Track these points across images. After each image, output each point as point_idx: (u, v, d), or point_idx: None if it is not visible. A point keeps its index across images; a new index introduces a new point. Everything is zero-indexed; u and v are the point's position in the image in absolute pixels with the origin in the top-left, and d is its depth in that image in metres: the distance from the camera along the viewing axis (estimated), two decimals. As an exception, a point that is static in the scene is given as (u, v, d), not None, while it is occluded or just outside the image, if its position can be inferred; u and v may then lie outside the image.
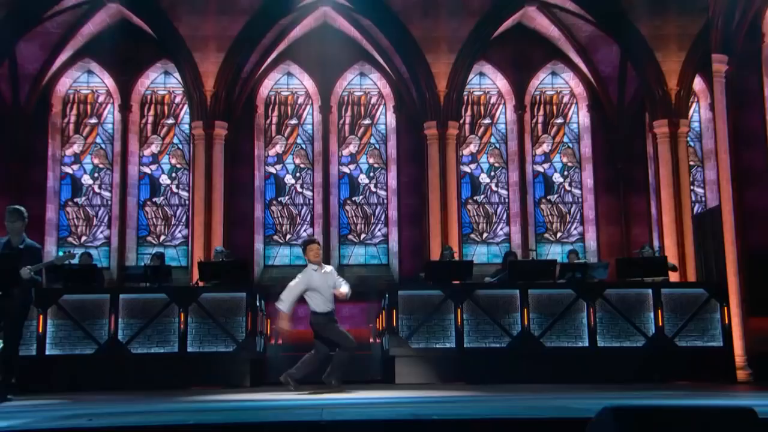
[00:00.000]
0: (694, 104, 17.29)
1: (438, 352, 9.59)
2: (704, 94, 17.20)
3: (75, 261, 11.09)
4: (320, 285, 7.79)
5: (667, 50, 15.79)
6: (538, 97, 17.64)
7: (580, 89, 17.41)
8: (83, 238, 16.57)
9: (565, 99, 17.67)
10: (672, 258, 13.92)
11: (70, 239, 16.52)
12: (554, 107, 17.65)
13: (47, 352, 9.29)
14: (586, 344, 9.61)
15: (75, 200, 16.74)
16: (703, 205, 16.98)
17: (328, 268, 8.05)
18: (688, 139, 16.49)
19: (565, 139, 17.58)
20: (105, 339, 9.38)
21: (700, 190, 17.21)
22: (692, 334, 9.73)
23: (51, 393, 8.06)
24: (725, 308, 9.84)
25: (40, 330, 9.28)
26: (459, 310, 9.62)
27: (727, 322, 9.79)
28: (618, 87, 16.82)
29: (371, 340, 13.30)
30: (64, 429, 3.39)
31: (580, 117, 17.52)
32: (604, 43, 16.59)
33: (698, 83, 16.82)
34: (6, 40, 15.10)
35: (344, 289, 7.90)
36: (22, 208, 7.20)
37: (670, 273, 11.39)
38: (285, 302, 7.75)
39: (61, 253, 7.28)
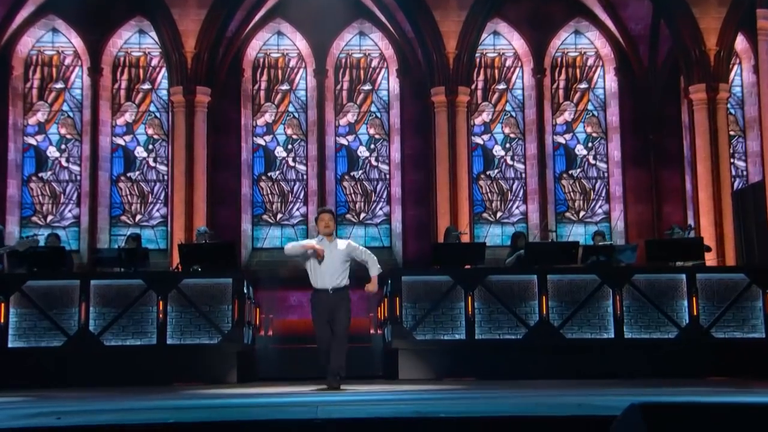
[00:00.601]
0: (736, 66, 17.22)
1: (446, 345, 9.62)
2: (747, 55, 17.11)
3: (41, 244, 11.13)
4: (324, 255, 7.59)
5: (705, 5, 15.70)
6: (559, 60, 17.56)
7: (607, 50, 17.32)
8: (49, 218, 16.60)
9: (590, 61, 17.58)
10: (709, 239, 13.93)
11: (34, 219, 16.55)
12: (577, 70, 17.57)
13: (10, 345, 9.33)
14: (612, 335, 9.63)
15: (40, 175, 16.74)
16: (744, 179, 16.96)
17: (342, 243, 7.81)
18: (729, 105, 16.46)
19: (590, 107, 17.53)
20: (75, 330, 9.41)
21: (741, 163, 17.18)
22: (731, 324, 9.74)
23: (15, 389, 8.11)
24: (768, 295, 9.84)
25: (2, 320, 9.32)
26: (470, 297, 9.63)
27: (769, 310, 9.80)
28: (649, 47, 16.74)
29: (372, 331, 13.36)
30: (30, 428, 3.41)
31: (607, 81, 17.45)
32: (634, -2, 16.49)
33: (740, 42, 16.74)
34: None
35: (373, 271, 7.66)
36: None
37: (706, 256, 11.39)
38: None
39: (24, 237, 7.23)
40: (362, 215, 17.11)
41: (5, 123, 16.44)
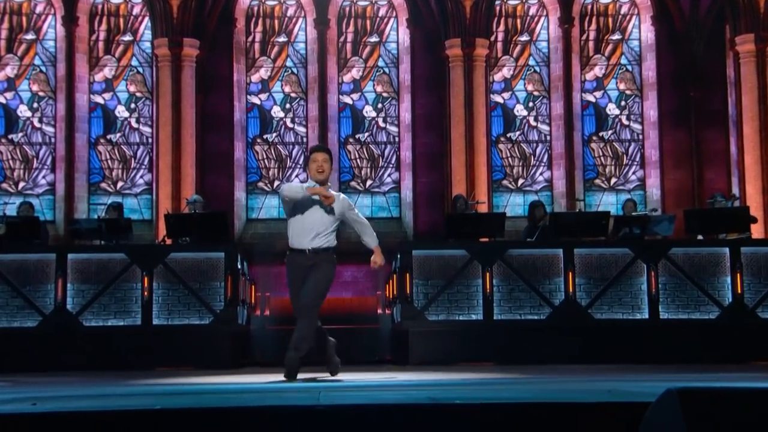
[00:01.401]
0: (788, 15, 17.06)
1: (461, 326, 9.67)
2: (801, 3, 16.95)
3: (11, 213, 11.18)
4: (308, 206, 6.91)
5: (754, -54, 15.53)
6: (589, 8, 17.44)
7: (643, -4, 17.20)
8: (21, 185, 16.66)
9: (624, 9, 17.46)
10: (755, 209, 13.90)
11: (4, 185, 16.61)
12: (609, 20, 17.45)
13: (-20, 325, 9.42)
14: (646, 316, 9.67)
15: (10, 137, 16.77)
16: (795, 143, 16.88)
17: (335, 194, 7.05)
18: (780, 58, 16.32)
19: (623, 61, 17.43)
20: (51, 309, 9.50)
21: (792, 125, 17.10)
22: (778, 303, 9.76)
23: (-14, 374, 8.19)
24: (821, 271, 9.83)
25: (-29, 297, 9.40)
26: (488, 273, 9.67)
27: (822, 288, 9.80)
28: (691, -7, 16.60)
29: (379, 311, 13.42)
30: (3, 414, 3.45)
31: (643, 32, 17.33)
32: (675, -63, 16.32)
33: (793, -12, 16.56)
34: None
35: (371, 241, 7.19)
36: None
37: (753, 228, 11.38)
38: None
39: None
40: (368, 183, 17.12)
41: (-29, 79, 16.45)
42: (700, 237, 10.52)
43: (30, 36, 16.99)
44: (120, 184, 16.84)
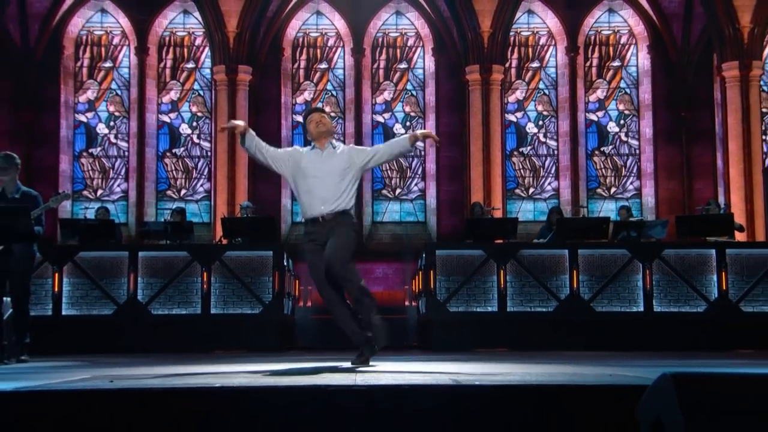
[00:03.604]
0: (769, 44, 16.84)
1: (479, 317, 9.63)
2: (780, 34, 16.71)
3: (90, 216, 11.30)
4: (311, 169, 5.47)
5: (739, -17, 15.35)
6: (592, 38, 17.32)
7: (640, 28, 17.04)
8: (99, 192, 16.84)
9: (623, 39, 17.32)
10: (739, 216, 13.73)
11: (85, 193, 16.81)
12: (610, 49, 17.33)
13: (63, 312, 9.51)
14: (641, 309, 9.57)
15: (90, 151, 16.98)
16: (775, 157, 16.65)
17: (342, 147, 5.66)
18: (762, 83, 16.12)
19: (622, 84, 17.29)
20: (124, 299, 9.57)
21: (772, 141, 16.86)
22: (760, 298, 9.62)
23: (68, 354, 8.28)
24: (797, 271, 9.69)
25: (56, 289, 9.49)
26: (502, 271, 9.62)
27: (799, 286, 9.65)
28: (683, 25, 16.44)
29: (406, 303, 13.41)
30: (85, 390, 3.49)
31: (640, 59, 17.18)
32: (668, -24, 16.18)
33: (774, 20, 16.33)
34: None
35: (396, 146, 5.66)
36: (14, 155, 7.21)
37: (737, 234, 11.24)
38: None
39: (56, 195, 7.24)
40: (398, 191, 17.12)
41: (57, 101, 16.67)
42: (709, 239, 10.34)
43: (108, 64, 17.20)
44: (183, 191, 16.98)
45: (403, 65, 17.37)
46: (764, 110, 16.46)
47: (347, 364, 5.36)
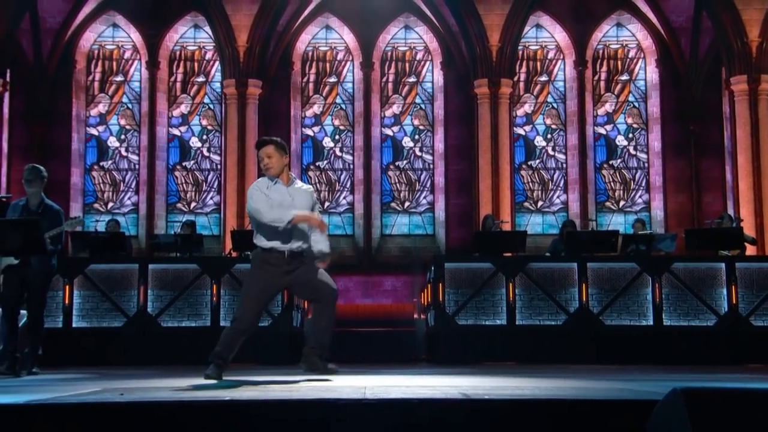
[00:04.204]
0: (778, 58, 16.81)
1: (487, 330, 9.59)
2: (789, 47, 16.69)
3: (101, 229, 11.33)
4: (278, 202, 5.57)
5: (747, -3, 15.36)
6: (600, 52, 17.33)
7: (649, 42, 17.04)
8: (110, 205, 16.91)
9: (632, 53, 17.33)
10: (749, 229, 13.67)
11: (96, 205, 16.88)
12: (619, 62, 17.33)
13: (74, 324, 9.52)
14: (651, 323, 9.52)
15: (101, 164, 17.06)
16: (784, 170, 16.57)
17: (303, 187, 5.84)
18: (770, 97, 16.08)
19: (631, 98, 17.28)
20: (134, 311, 9.57)
21: (781, 155, 16.80)
22: (770, 312, 9.56)
23: (79, 366, 8.30)
24: (808, 285, 9.62)
25: (67, 301, 9.51)
26: (511, 284, 9.59)
27: (809, 300, 9.58)
28: (691, 39, 16.43)
29: (415, 315, 13.37)
30: (95, 403, 3.50)
31: (648, 73, 17.18)
32: (676, -10, 16.19)
33: (782, 34, 16.33)
34: (27, -7, 15.33)
35: (322, 244, 5.71)
36: (42, 167, 7.26)
37: (749, 247, 11.19)
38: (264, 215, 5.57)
39: (71, 218, 7.29)
40: (406, 204, 17.12)
41: (69, 114, 16.78)
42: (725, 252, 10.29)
43: (119, 78, 17.30)
44: (193, 204, 17.02)
45: (412, 79, 17.41)
46: (773, 124, 16.41)
47: (356, 377, 5.34)
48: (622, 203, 17.02)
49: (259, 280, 5.61)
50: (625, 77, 17.31)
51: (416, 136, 17.27)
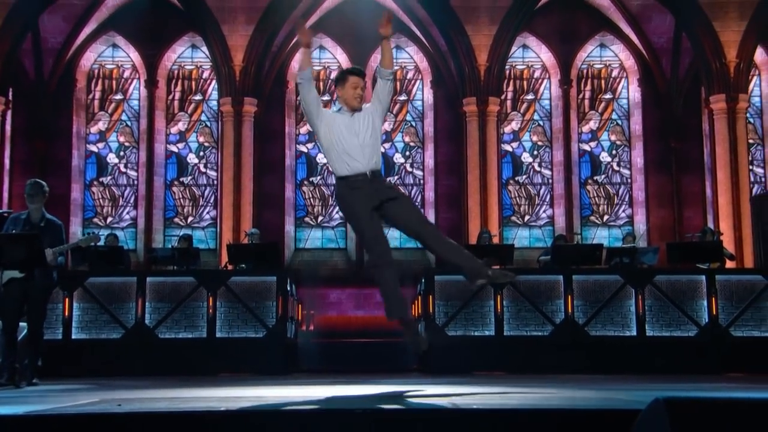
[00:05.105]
0: (755, 78, 16.95)
1: (476, 340, 9.59)
2: (766, 67, 16.83)
3: (100, 243, 11.30)
4: (341, 130, 5.01)
5: (725, 19, 15.48)
6: (585, 71, 17.43)
7: (631, 62, 17.14)
8: (109, 219, 16.85)
9: (615, 73, 17.43)
10: (728, 243, 13.71)
11: (95, 220, 16.82)
12: (602, 82, 17.43)
13: (73, 336, 9.48)
14: (634, 333, 9.54)
15: (100, 179, 17.01)
16: (762, 186, 16.68)
17: (367, 106, 5.18)
18: (748, 115, 16.21)
19: (614, 116, 17.37)
20: (132, 323, 9.54)
21: (759, 170, 16.91)
22: (749, 323, 9.59)
23: (77, 378, 8.25)
24: (785, 296, 9.66)
25: (66, 313, 9.47)
26: (499, 296, 9.60)
27: (787, 311, 9.62)
28: (671, 60, 16.54)
29: (406, 326, 13.31)
30: (93, 414, 3.48)
31: (630, 92, 17.27)
32: (657, 13, 16.32)
33: (760, 55, 16.48)
34: (29, 13, 15.34)
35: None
36: (43, 182, 7.27)
37: (728, 262, 11.23)
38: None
39: (86, 233, 7.31)
40: (398, 218, 17.09)
41: (69, 132, 16.75)
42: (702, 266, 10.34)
43: (118, 96, 17.29)
44: (190, 219, 16.98)
45: (403, 97, 17.45)
46: (751, 141, 16.52)
47: (350, 387, 5.32)
48: (606, 217, 17.06)
49: (356, 203, 4.93)
50: (608, 96, 17.40)
51: (407, 153, 17.30)
